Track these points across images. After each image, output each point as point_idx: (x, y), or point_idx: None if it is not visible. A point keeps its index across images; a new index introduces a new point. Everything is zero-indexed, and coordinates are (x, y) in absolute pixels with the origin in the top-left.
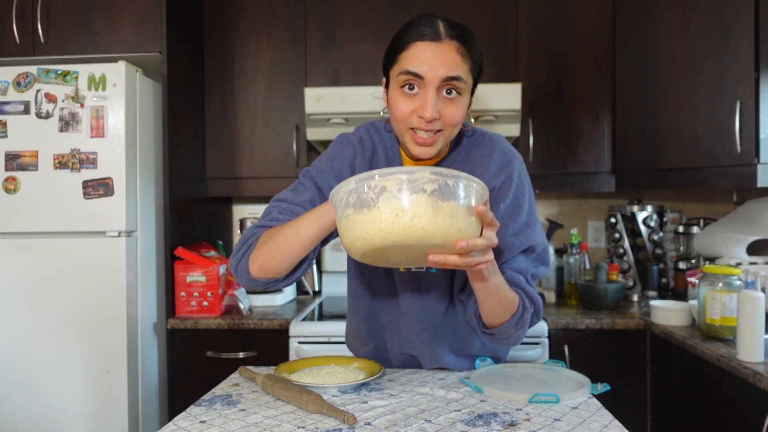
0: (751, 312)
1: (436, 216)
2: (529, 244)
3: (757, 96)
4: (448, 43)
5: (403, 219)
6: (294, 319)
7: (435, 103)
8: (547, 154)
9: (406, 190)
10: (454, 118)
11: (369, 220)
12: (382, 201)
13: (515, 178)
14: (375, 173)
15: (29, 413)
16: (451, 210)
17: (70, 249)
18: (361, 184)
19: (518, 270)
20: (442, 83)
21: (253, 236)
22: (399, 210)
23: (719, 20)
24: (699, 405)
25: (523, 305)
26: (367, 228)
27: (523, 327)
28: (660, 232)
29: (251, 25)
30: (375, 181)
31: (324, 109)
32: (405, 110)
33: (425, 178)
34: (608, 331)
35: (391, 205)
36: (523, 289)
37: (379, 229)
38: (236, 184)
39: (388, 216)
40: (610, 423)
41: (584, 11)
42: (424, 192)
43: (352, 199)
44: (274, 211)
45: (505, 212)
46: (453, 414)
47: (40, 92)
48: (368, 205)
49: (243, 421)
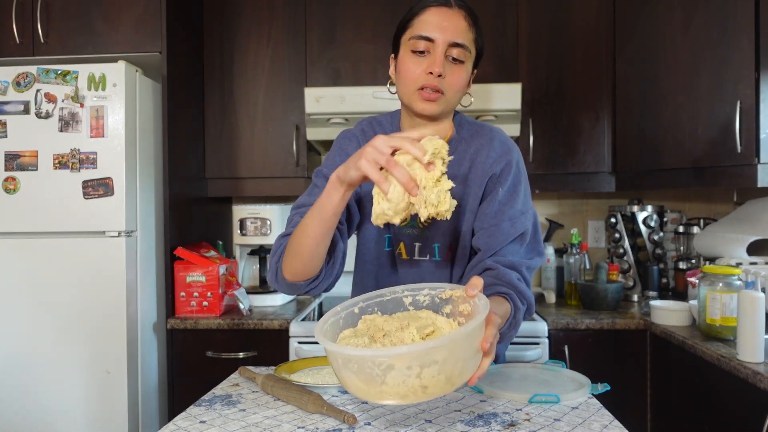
0: (751, 312)
1: (451, 383)
2: (523, 230)
3: (757, 96)
4: (457, 10)
5: (415, 395)
6: (294, 319)
7: (443, 61)
8: (547, 154)
9: (417, 366)
10: (456, 82)
11: (377, 392)
12: (391, 379)
13: (514, 165)
14: (377, 354)
15: (29, 413)
16: (463, 368)
17: (70, 249)
18: (363, 360)
19: (512, 265)
20: (449, 47)
21: (280, 246)
22: (411, 388)
23: (719, 20)
24: (699, 405)
25: (515, 306)
26: (376, 397)
27: (516, 327)
28: (660, 232)
29: (251, 25)
30: (380, 359)
31: (324, 109)
32: (415, 71)
33: (437, 348)
34: (608, 331)
35: (402, 383)
36: (514, 287)
37: (390, 398)
38: (236, 184)
39: (399, 392)
40: (610, 423)
41: (584, 11)
42: (436, 363)
43: (353, 368)
44: (295, 218)
45: (504, 197)
46: (453, 414)
47: (40, 92)
48: (374, 380)
49: (243, 421)
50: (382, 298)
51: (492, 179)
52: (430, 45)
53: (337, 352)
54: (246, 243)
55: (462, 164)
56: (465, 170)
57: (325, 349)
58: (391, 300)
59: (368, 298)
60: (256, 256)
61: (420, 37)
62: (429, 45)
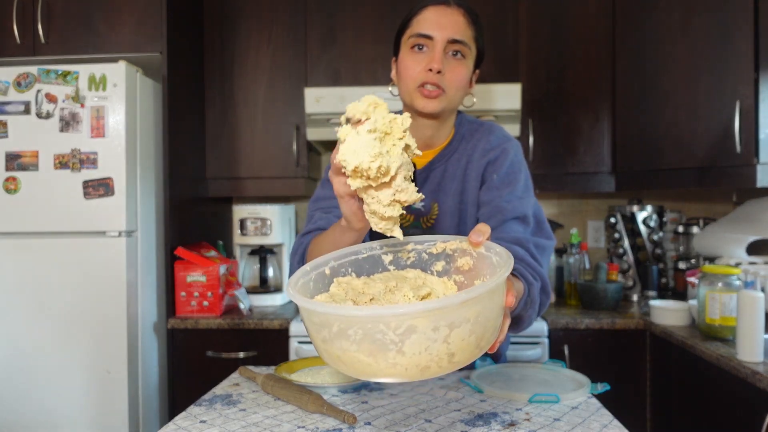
0: (751, 312)
1: (479, 348)
2: (523, 212)
3: (757, 96)
4: (455, 8)
5: (440, 363)
6: (294, 319)
7: (442, 57)
8: (547, 154)
9: (446, 327)
10: (457, 78)
11: (387, 364)
12: (411, 346)
13: (511, 155)
14: (396, 310)
15: (29, 413)
16: (493, 329)
17: (70, 249)
18: (374, 323)
19: (517, 240)
20: (448, 44)
21: (301, 245)
22: (436, 356)
23: (719, 20)
24: (699, 405)
25: (527, 281)
26: (383, 372)
27: (533, 306)
28: (660, 232)
29: (251, 25)
30: (398, 320)
31: (324, 109)
32: (415, 68)
33: (468, 302)
34: (608, 331)
35: (425, 350)
36: (522, 260)
37: (403, 374)
38: (236, 184)
39: (419, 362)
40: (610, 423)
41: (584, 11)
42: (468, 322)
43: (356, 335)
44: (316, 214)
45: (499, 183)
46: (453, 414)
47: (41, 92)
48: (386, 348)
49: (243, 420)
50: (357, 256)
51: (488, 167)
52: (429, 42)
53: (335, 314)
54: (246, 243)
55: (461, 161)
56: (463, 165)
57: (307, 316)
58: (368, 258)
59: (341, 257)
60: (256, 256)
61: (419, 35)
62: (428, 42)
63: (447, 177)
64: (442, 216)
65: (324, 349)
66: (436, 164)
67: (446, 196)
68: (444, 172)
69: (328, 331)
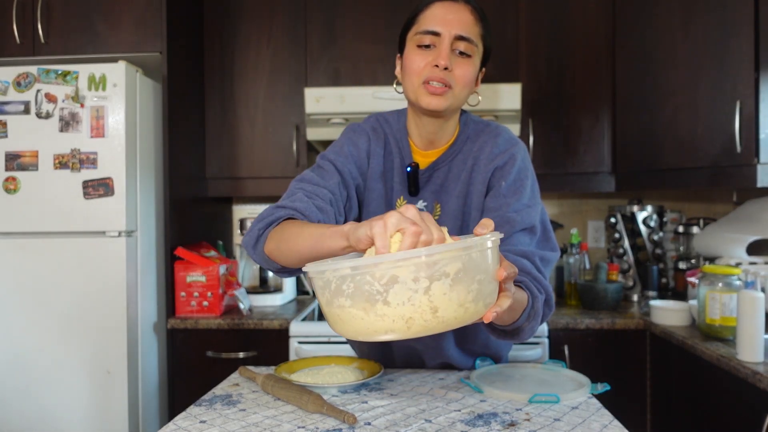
0: (751, 312)
1: (464, 308)
2: (531, 223)
3: (757, 96)
4: (463, 4)
5: (424, 317)
6: (294, 319)
7: (449, 54)
8: (547, 154)
9: (425, 278)
10: (463, 76)
11: (376, 317)
12: (394, 296)
13: (518, 160)
14: (379, 260)
15: (29, 413)
16: (478, 293)
17: (70, 249)
18: (362, 274)
19: (524, 253)
20: (455, 41)
21: (271, 216)
22: (419, 308)
23: (719, 20)
24: (699, 405)
25: (531, 293)
26: (375, 326)
27: (535, 318)
28: (660, 232)
29: (251, 25)
30: (381, 270)
31: (324, 109)
32: (420, 64)
33: (447, 257)
34: (608, 331)
35: (407, 301)
36: (528, 273)
37: (392, 327)
38: (236, 184)
39: (404, 313)
40: (610, 423)
41: (584, 11)
42: (447, 277)
43: (348, 289)
44: (298, 193)
45: (507, 191)
46: (453, 414)
47: (41, 92)
48: (373, 299)
49: (243, 421)
50: None
51: (495, 173)
52: (436, 39)
53: (331, 269)
54: None
55: (466, 162)
56: (469, 168)
57: (315, 282)
58: None
59: None
60: None
61: (426, 32)
62: (435, 39)
63: (451, 178)
64: (444, 217)
65: (328, 311)
66: (440, 164)
67: (449, 197)
68: (448, 173)
69: (329, 291)
